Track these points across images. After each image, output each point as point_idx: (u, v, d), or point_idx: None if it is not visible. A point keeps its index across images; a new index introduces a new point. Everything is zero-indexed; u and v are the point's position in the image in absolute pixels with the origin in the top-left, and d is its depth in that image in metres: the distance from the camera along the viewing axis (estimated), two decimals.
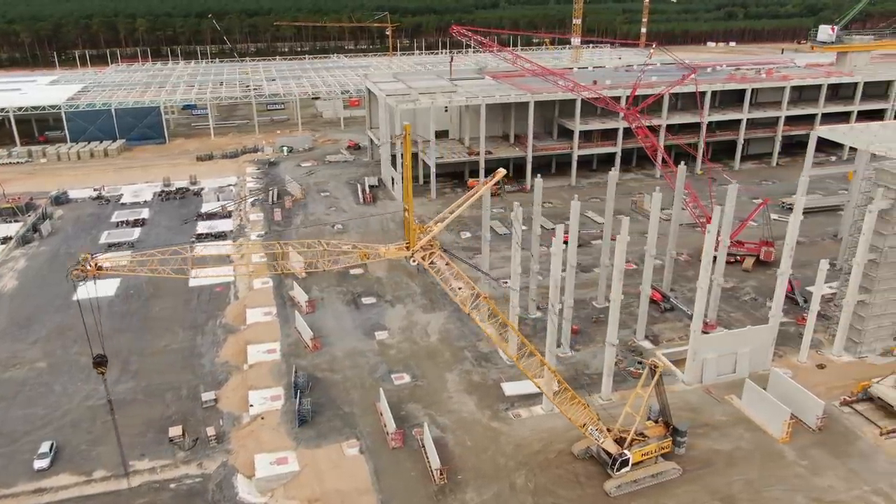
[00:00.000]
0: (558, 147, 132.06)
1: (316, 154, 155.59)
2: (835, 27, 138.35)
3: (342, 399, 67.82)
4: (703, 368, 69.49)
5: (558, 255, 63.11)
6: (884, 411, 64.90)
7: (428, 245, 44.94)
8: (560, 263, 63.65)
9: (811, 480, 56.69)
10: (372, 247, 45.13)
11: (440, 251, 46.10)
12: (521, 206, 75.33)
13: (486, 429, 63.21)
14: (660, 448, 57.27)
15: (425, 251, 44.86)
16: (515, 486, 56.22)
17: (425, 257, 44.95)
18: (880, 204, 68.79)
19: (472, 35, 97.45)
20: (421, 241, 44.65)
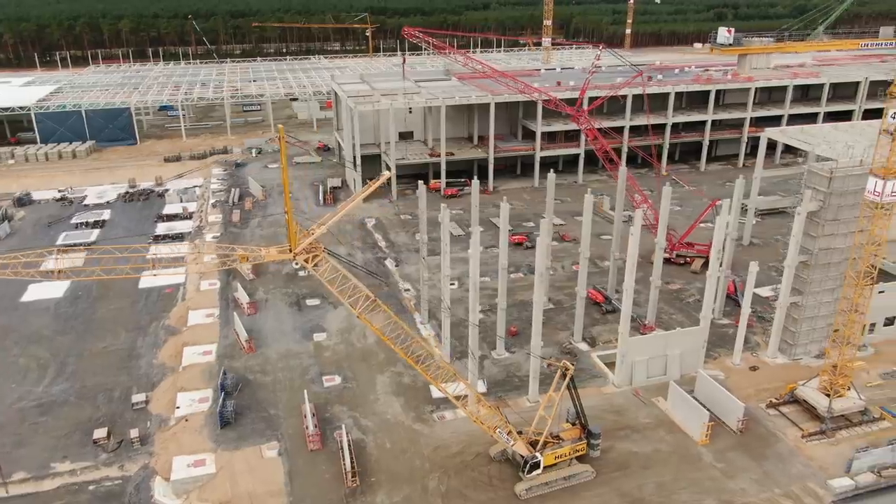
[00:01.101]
0: (521, 148, 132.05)
1: None
2: (731, 30, 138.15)
3: (269, 401, 67.80)
4: (633, 371, 69.44)
5: (475, 258, 63.04)
6: (809, 414, 64.87)
7: (310, 248, 44.83)
8: (478, 267, 63.50)
9: (724, 483, 56.65)
10: (253, 249, 45.00)
11: (324, 254, 46.02)
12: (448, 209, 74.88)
13: (408, 431, 63.20)
14: (574, 450, 57.25)
15: (308, 254, 44.77)
16: (427, 488, 56.19)
17: (308, 260, 44.90)
18: (809, 206, 68.72)
19: (425, 37, 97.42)
20: (302, 243, 44.54)
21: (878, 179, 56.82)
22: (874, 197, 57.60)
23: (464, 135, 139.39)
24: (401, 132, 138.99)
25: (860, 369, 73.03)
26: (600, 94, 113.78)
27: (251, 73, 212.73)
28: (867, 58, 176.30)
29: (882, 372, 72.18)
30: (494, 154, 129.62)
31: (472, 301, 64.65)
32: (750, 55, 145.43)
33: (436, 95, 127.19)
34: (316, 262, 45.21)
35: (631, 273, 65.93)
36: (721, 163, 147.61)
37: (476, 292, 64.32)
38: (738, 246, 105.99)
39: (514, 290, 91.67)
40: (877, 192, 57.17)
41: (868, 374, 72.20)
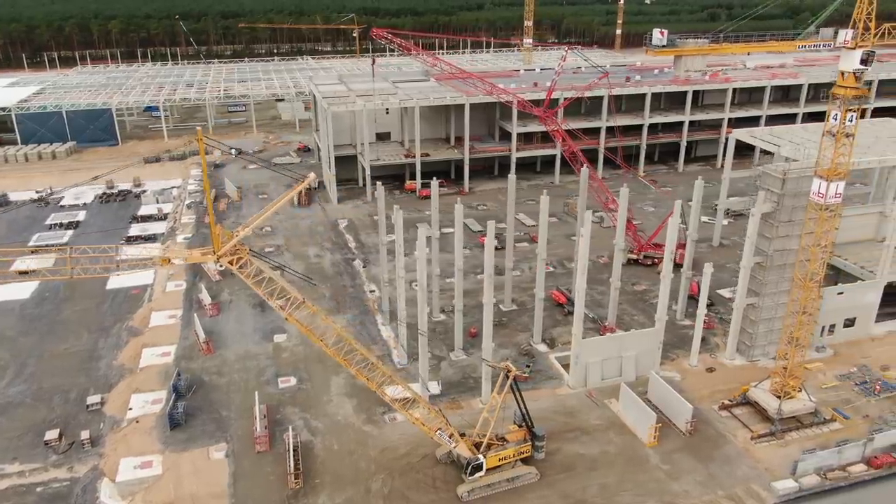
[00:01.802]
0: (497, 149, 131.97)
1: (264, 156, 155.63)
2: (664, 31, 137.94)
3: (222, 402, 67.78)
4: (587, 372, 69.38)
5: (422, 260, 62.97)
6: (761, 415, 64.79)
7: (234, 250, 44.79)
8: (425, 269, 63.41)
9: (668, 485, 56.57)
10: (177, 252, 44.86)
11: (249, 256, 45.96)
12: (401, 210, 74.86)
13: (358, 432, 63.17)
14: (518, 452, 57.18)
15: (232, 256, 44.73)
16: (371, 490, 56.15)
17: (233, 262, 44.86)
18: (763, 207, 68.65)
19: (393, 38, 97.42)
20: (225, 245, 44.51)
21: (821, 181, 56.75)
22: (818, 199, 57.53)
23: (442, 136, 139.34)
24: (378, 133, 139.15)
25: (817, 371, 73.19)
26: (567, 96, 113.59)
27: (236, 73, 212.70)
28: None
29: (838, 373, 72.06)
30: (471, 155, 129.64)
31: (421, 306, 64.39)
32: (685, 56, 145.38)
33: (411, 96, 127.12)
34: (241, 263, 45.15)
35: (582, 274, 65.81)
36: (700, 164, 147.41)
37: (424, 298, 64.13)
38: (707, 247, 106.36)
39: (478, 291, 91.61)
40: (821, 193, 57.11)
41: (825, 375, 72.15)
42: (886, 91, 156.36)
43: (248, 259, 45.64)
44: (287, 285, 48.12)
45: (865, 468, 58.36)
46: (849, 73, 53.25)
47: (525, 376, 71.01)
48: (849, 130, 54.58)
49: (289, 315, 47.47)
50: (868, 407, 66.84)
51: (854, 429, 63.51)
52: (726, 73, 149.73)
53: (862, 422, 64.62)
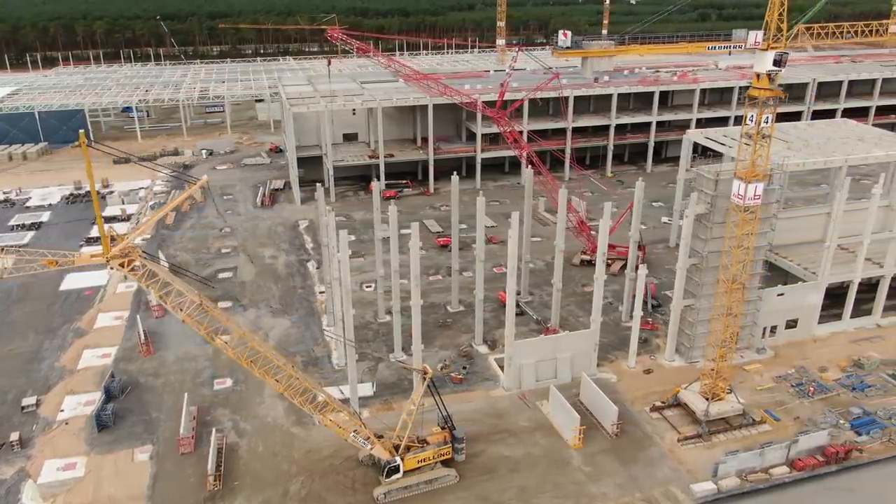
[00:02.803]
0: (462, 150, 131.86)
1: (235, 157, 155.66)
2: (567, 33, 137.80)
3: (154, 404, 67.75)
4: (521, 374, 69.29)
5: (345, 262, 62.87)
6: (690, 417, 64.69)
7: (124, 252, 44.68)
8: (348, 272, 63.29)
9: (587, 487, 56.49)
10: (64, 254, 44.84)
11: (141, 258, 45.90)
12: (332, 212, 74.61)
13: (285, 434, 63.11)
14: (438, 454, 57.14)
15: (123, 258, 44.62)
16: (288, 492, 56.10)
17: (124, 264, 44.76)
18: (696, 209, 68.55)
19: (347, 39, 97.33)
20: (114, 248, 44.43)
21: (740, 183, 56.67)
22: (738, 200, 57.46)
23: (410, 136, 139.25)
24: (345, 134, 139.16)
25: (755, 372, 73.11)
26: (525, 96, 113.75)
27: (215, 74, 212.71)
28: (824, 58, 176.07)
29: (776, 375, 71.95)
30: (437, 156, 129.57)
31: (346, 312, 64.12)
32: (591, 58, 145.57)
33: (374, 97, 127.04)
34: (132, 266, 45.06)
35: (511, 276, 65.78)
36: (671, 164, 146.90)
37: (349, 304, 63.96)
38: (664, 248, 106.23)
39: (429, 291, 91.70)
40: (740, 195, 57.04)
41: (761, 377, 72.05)
42: (858, 92, 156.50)
43: (140, 262, 45.50)
44: (185, 287, 47.99)
45: (788, 470, 58.31)
46: (763, 75, 53.16)
47: (459, 377, 71.12)
48: (765, 132, 54.52)
49: (186, 317, 47.28)
50: (801, 409, 66.73)
51: (784, 430, 63.41)
52: (696, 73, 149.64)
53: (792, 424, 64.54)
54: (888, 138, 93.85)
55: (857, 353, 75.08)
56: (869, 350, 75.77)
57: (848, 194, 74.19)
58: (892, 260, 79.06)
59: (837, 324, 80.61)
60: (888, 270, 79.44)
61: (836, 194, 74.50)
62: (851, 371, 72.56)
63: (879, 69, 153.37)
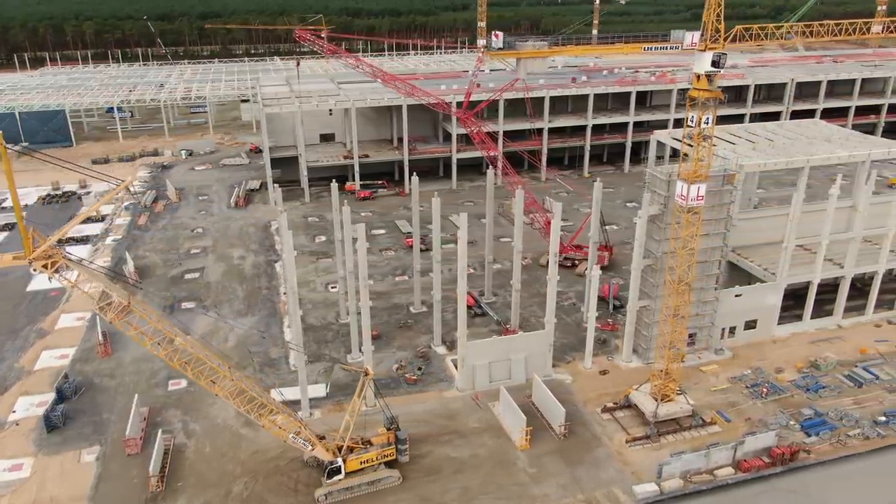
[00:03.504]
0: (437, 150, 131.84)
1: (215, 157, 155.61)
2: (499, 34, 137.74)
3: (106, 405, 67.73)
4: (475, 374, 69.22)
5: (291, 264, 62.81)
6: (641, 418, 64.63)
7: (47, 254, 44.62)
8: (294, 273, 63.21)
9: (529, 488, 56.43)
10: None
11: (65, 260, 45.85)
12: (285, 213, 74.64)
13: (234, 435, 63.07)
14: (382, 455, 57.10)
15: (46, 260, 44.58)
16: (231, 494, 56.07)
17: (47, 266, 44.72)
18: (650, 210, 68.52)
19: (315, 40, 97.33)
20: (37, 250, 44.37)
21: (683, 184, 56.63)
22: (681, 201, 57.41)
23: (387, 137, 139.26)
24: (322, 134, 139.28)
25: (712, 373, 73.02)
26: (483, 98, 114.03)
27: (200, 74, 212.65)
28: (806, 58, 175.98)
29: (731, 376, 71.86)
30: (412, 156, 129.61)
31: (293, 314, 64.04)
32: (525, 58, 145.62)
33: (349, 98, 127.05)
34: (55, 267, 45.03)
35: (462, 278, 65.81)
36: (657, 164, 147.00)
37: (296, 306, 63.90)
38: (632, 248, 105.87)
39: (394, 292, 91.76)
40: (682, 196, 56.99)
41: (717, 377, 71.96)
42: (840, 92, 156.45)
43: (64, 263, 45.47)
44: (113, 288, 47.96)
45: (733, 471, 58.24)
46: (702, 76, 53.12)
47: (414, 378, 71.08)
48: (706, 133, 54.48)
49: (113, 318, 47.22)
50: (753, 410, 66.65)
51: (734, 431, 63.32)
52: (675, 73, 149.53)
53: (744, 425, 64.47)
54: (855, 139, 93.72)
55: (815, 354, 75.00)
56: (827, 351, 75.72)
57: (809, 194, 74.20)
58: (852, 261, 78.98)
59: (798, 325, 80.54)
60: (848, 271, 79.37)
61: (793, 195, 74.35)
62: (808, 372, 72.49)
63: (859, 69, 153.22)
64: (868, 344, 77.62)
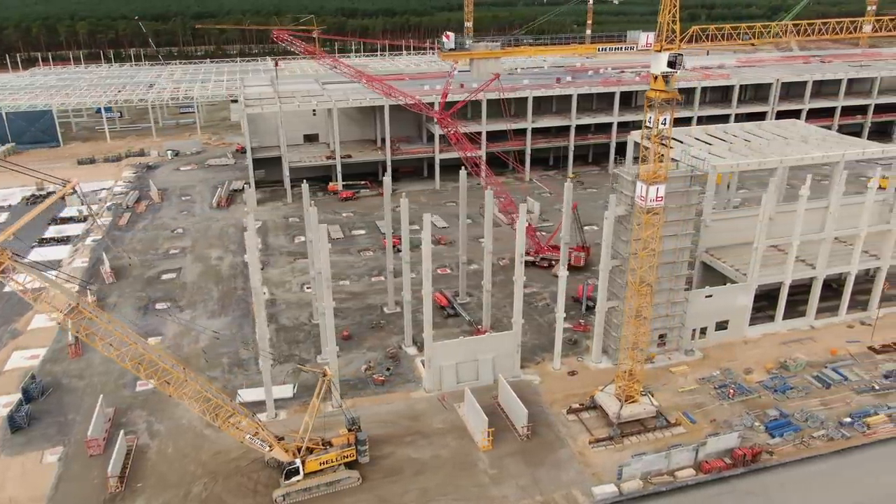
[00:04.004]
0: (419, 150, 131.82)
1: (201, 157, 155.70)
2: (449, 34, 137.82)
3: (72, 406, 67.76)
4: (442, 375, 69.17)
5: (255, 264, 62.76)
6: (605, 419, 64.56)
7: None
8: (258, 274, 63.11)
9: (489, 489, 56.38)
10: None
11: (12, 261, 45.85)
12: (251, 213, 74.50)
13: (197, 436, 63.05)
14: (342, 456, 57.06)
15: None
16: (189, 494, 56.06)
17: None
18: (616, 210, 68.45)
19: (293, 40, 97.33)
20: None
21: (642, 184, 56.56)
22: (640, 202, 57.35)
23: (371, 137, 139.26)
24: (307, 134, 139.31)
25: (681, 374, 72.93)
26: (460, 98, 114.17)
27: (190, 74, 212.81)
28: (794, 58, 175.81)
29: (700, 377, 71.75)
30: (395, 156, 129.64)
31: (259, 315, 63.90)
32: (478, 59, 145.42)
33: (331, 98, 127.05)
34: (2, 268, 45.02)
35: (427, 279, 65.78)
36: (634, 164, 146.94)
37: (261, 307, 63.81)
38: None
39: (369, 293, 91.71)
40: (641, 196, 56.94)
41: (686, 378, 71.88)
42: (827, 92, 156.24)
43: (10, 264, 45.46)
44: (62, 289, 47.95)
45: (694, 473, 58.17)
46: (658, 77, 53.03)
47: (381, 379, 71.05)
48: (664, 134, 54.40)
49: (61, 319, 47.20)
50: (719, 411, 66.55)
51: (699, 432, 63.17)
52: None
53: (709, 426, 64.39)
54: (832, 139, 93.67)
55: (786, 355, 74.89)
56: (797, 352, 75.63)
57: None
58: (824, 262, 78.87)
59: (770, 325, 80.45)
60: (820, 272, 79.25)
61: (763, 196, 74.25)
62: (777, 373, 72.38)
63: (845, 70, 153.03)
64: (839, 345, 77.55)
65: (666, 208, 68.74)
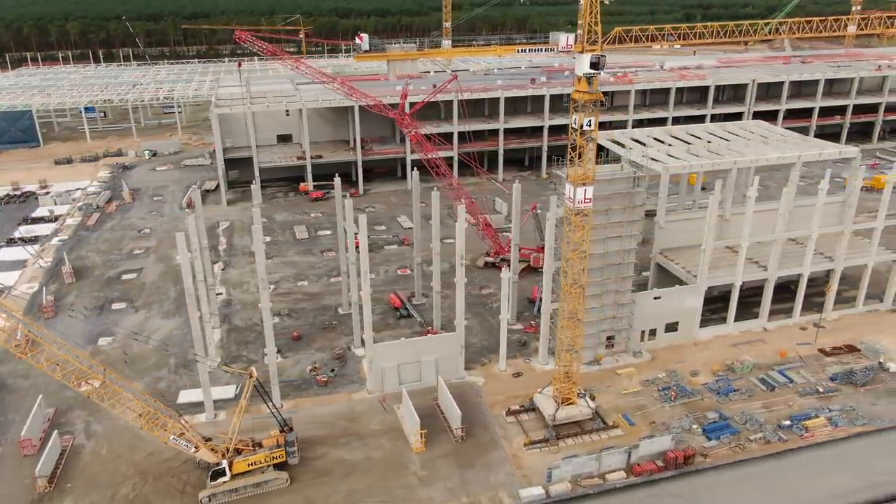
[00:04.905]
0: (391, 151, 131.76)
1: (178, 157, 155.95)
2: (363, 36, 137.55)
3: (13, 406, 67.93)
4: (384, 376, 69.11)
5: (186, 265, 62.79)
6: (544, 421, 64.37)
7: None
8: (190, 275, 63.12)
9: (416, 491, 56.29)
10: None
11: None
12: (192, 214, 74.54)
13: (133, 437, 62.97)
14: (271, 457, 57.06)
15: None
16: (117, 495, 56.14)
17: None
18: (558, 212, 68.27)
19: (255, 41, 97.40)
20: None
21: (570, 186, 56.38)
22: (569, 203, 57.19)
23: (345, 137, 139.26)
24: (280, 135, 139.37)
25: (627, 376, 72.68)
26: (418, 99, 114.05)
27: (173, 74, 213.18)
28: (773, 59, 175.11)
29: (644, 379, 71.50)
30: (366, 157, 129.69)
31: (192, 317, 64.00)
32: (393, 61, 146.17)
33: (308, 99, 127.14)
34: None
35: (366, 280, 65.70)
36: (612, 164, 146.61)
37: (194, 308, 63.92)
38: None
39: (325, 293, 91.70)
40: (570, 198, 56.77)
41: (630, 380, 71.64)
42: (807, 93, 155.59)
43: None
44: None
45: (625, 475, 57.97)
46: (582, 78, 52.86)
47: (324, 380, 71.02)
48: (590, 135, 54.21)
49: None
50: (661, 413, 66.32)
51: (637, 435, 62.90)
52: (637, 74, 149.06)
53: (648, 428, 64.16)
54: (792, 140, 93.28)
55: (735, 357, 74.68)
56: (747, 354, 75.39)
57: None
58: (775, 263, 78.53)
59: (722, 327, 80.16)
60: (771, 274, 78.90)
61: (710, 197, 73.98)
62: (723, 375, 72.10)
63: (823, 70, 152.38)
64: (790, 347, 77.22)
65: (610, 210, 69.33)
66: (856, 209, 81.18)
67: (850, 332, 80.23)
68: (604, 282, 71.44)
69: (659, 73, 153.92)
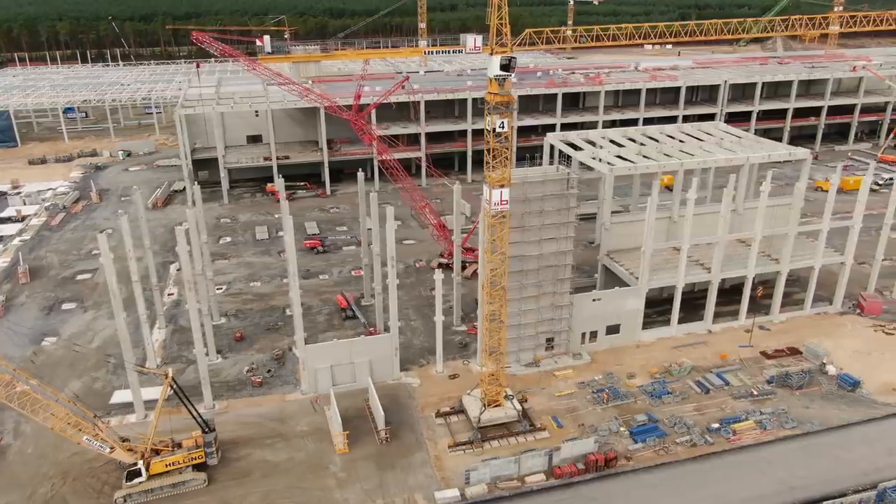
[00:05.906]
0: (358, 152, 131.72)
1: (152, 158, 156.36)
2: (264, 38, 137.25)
3: None
4: (317, 378, 69.15)
5: (109, 267, 62.93)
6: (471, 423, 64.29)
7: None
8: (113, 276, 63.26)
9: (332, 493, 56.33)
10: None
11: None
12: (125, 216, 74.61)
13: (60, 437, 62.14)
14: (190, 458, 57.19)
15: None
16: (35, 495, 56.35)
17: None
18: None
19: (212, 42, 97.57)
20: None
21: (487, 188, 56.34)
22: (486, 205, 57.14)
23: (314, 138, 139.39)
24: (250, 135, 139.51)
25: (564, 378, 72.54)
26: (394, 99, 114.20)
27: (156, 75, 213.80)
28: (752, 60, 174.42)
29: (581, 381, 71.32)
30: (338, 157, 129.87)
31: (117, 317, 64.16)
32: (300, 62, 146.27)
33: (274, 100, 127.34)
34: None
35: (294, 282, 65.78)
36: None
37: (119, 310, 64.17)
38: None
39: (275, 294, 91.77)
40: (487, 200, 56.72)
41: (566, 382, 71.49)
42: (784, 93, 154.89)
43: None
44: None
45: (545, 478, 57.86)
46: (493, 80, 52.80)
47: (259, 381, 71.10)
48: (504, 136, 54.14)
49: None
50: (591, 415, 66.17)
51: (564, 437, 62.80)
52: (609, 74, 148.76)
53: (576, 431, 64.02)
54: (747, 141, 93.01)
55: (674, 360, 74.47)
56: (687, 356, 75.16)
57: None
58: (719, 265, 78.24)
59: (665, 329, 79.92)
60: (715, 276, 78.62)
61: (647, 199, 73.80)
62: (661, 377, 71.90)
63: (797, 71, 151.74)
64: (733, 349, 76.96)
65: (543, 212, 69.23)
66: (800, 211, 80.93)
67: (794, 334, 79.92)
68: (540, 283, 71.38)
69: (632, 73, 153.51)
